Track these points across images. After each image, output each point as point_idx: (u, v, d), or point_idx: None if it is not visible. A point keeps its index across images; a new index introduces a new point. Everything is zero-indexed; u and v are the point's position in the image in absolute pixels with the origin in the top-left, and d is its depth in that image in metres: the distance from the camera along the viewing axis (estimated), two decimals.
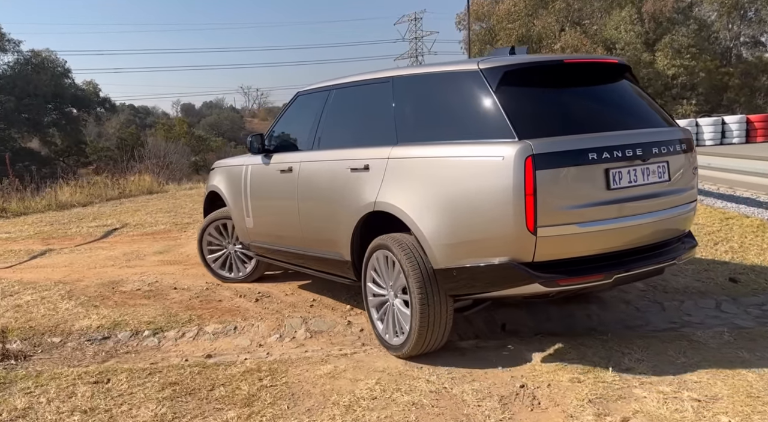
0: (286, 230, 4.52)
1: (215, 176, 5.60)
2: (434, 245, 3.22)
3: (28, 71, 38.30)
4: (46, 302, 5.20)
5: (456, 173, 3.19)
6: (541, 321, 4.03)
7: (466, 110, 3.34)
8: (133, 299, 5.20)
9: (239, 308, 4.73)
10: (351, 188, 3.76)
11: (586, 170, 3.03)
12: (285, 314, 4.51)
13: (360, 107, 4.12)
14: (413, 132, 3.54)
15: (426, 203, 3.28)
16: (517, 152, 2.90)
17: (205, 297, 5.09)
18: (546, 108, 3.28)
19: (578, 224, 3.01)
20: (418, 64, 5.34)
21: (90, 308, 4.94)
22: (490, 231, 3.05)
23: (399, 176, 3.45)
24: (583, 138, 3.09)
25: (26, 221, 10.73)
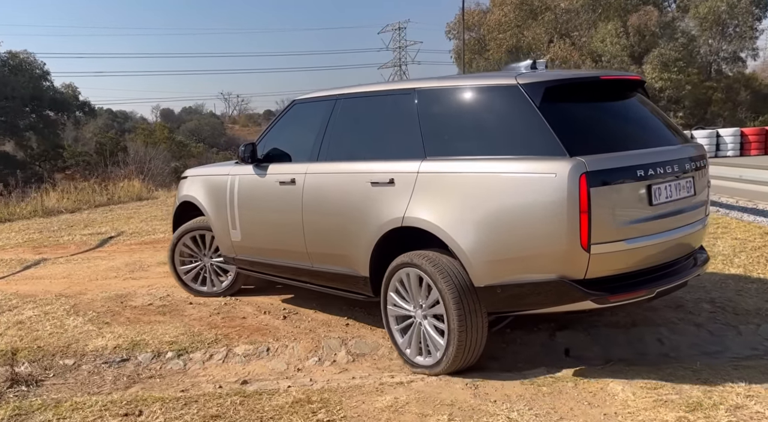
0: (285, 244, 4.32)
1: (189, 186, 5.33)
2: (476, 262, 3.14)
3: (5, 73, 37.24)
4: (51, 318, 4.78)
5: (502, 189, 3.11)
6: (607, 345, 3.74)
7: (507, 125, 3.28)
8: (147, 315, 4.82)
9: (268, 326, 4.38)
10: (372, 203, 3.63)
11: (633, 187, 3.05)
12: (320, 334, 4.17)
13: (376, 119, 3.93)
14: (444, 146, 3.42)
15: (466, 219, 3.18)
16: (572, 169, 2.87)
17: (227, 314, 4.72)
18: (588, 124, 3.25)
19: (626, 240, 3.01)
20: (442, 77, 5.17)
21: (101, 326, 4.54)
22: (540, 248, 3.00)
23: (433, 190, 3.35)
24: (628, 155, 3.11)
25: (12, 228, 10.20)
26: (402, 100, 3.70)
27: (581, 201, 2.84)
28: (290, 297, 5.04)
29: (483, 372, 3.41)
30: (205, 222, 5.15)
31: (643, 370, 3.22)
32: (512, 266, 3.09)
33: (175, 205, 5.55)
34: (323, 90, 4.43)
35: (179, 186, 5.59)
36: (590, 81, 3.50)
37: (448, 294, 3.19)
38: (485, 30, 30.23)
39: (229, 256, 4.93)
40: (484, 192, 3.16)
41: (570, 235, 2.88)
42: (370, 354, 3.86)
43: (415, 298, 3.47)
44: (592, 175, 2.86)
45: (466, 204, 3.21)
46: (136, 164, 23.27)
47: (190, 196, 5.24)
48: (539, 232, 2.97)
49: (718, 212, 8.39)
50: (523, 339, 3.84)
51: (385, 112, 3.85)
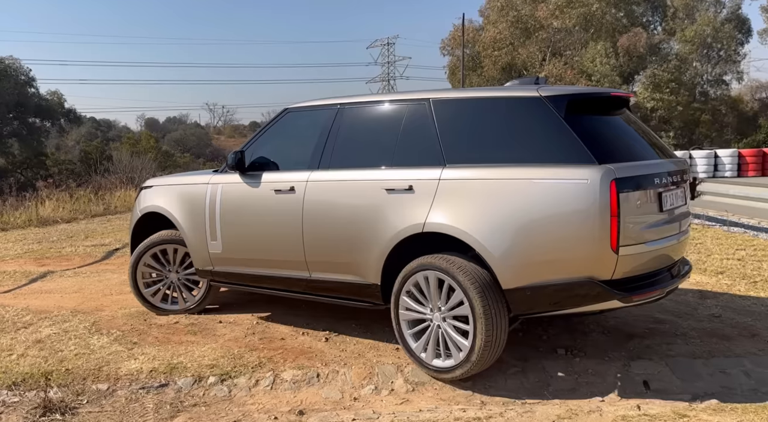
0: (279, 254, 4.25)
1: (155, 196, 5.08)
2: (505, 265, 3.27)
3: None
4: (73, 337, 4.47)
5: (534, 194, 3.24)
6: (688, 378, 3.52)
7: (532, 134, 3.45)
8: (176, 334, 4.52)
9: (312, 349, 4.11)
10: (387, 210, 3.68)
11: (649, 194, 3.30)
12: (370, 359, 3.91)
13: (388, 127, 3.94)
14: (465, 154, 3.56)
15: (495, 223, 3.31)
16: (603, 175, 3.07)
17: (263, 334, 4.45)
18: (605, 135, 3.48)
19: (646, 243, 3.27)
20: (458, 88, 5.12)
21: (130, 346, 4.24)
22: (571, 250, 3.16)
23: (457, 196, 3.45)
24: (644, 164, 3.38)
25: (8, 238, 9.80)
26: (415, 109, 3.80)
27: (611, 206, 3.04)
28: (323, 317, 4.76)
29: (565, 404, 3.19)
30: (170, 235, 4.93)
31: (748, 409, 3.01)
32: (542, 268, 3.22)
33: (134, 218, 5.22)
34: (319, 99, 4.44)
35: (139, 197, 5.27)
36: (602, 96, 3.72)
37: (475, 296, 3.28)
38: (480, 47, 30.41)
39: (204, 269, 4.75)
40: (514, 197, 3.28)
41: (601, 238, 3.07)
42: (430, 383, 3.61)
43: (432, 301, 3.54)
44: (620, 181, 3.08)
45: (495, 209, 3.32)
46: (122, 173, 22.81)
47: (157, 207, 4.98)
48: (570, 235, 3.14)
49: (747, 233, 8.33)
50: (595, 369, 3.63)
51: (397, 121, 3.88)
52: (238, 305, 5.25)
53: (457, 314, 3.41)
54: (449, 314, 3.47)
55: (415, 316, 3.63)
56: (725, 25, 33.35)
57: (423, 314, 3.61)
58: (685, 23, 34.09)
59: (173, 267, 5.03)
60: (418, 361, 3.64)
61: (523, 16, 29.13)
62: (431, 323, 3.57)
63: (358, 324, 4.58)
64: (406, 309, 3.66)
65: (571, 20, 28.65)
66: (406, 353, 3.72)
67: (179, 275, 5.03)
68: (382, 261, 3.70)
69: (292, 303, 4.99)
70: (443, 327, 3.51)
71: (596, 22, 29.65)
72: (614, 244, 3.07)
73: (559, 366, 3.71)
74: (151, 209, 5.04)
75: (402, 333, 3.70)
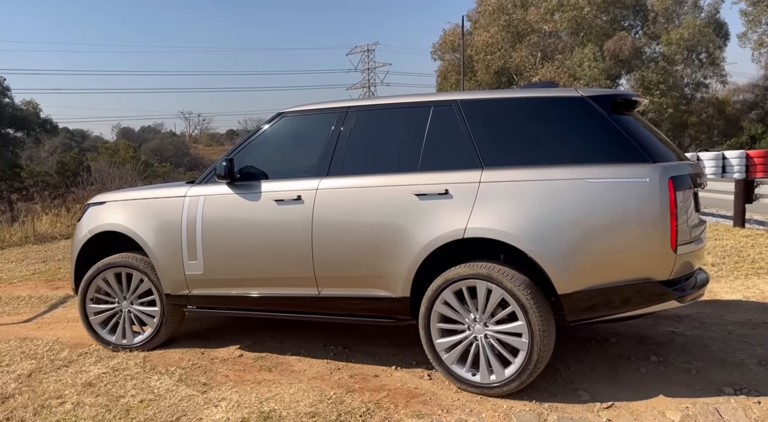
0: (282, 271, 3.88)
1: (110, 214, 4.44)
2: (561, 268, 3.16)
3: None
4: (128, 377, 3.84)
5: (590, 195, 3.15)
6: None
7: (577, 134, 3.37)
8: (248, 371, 3.93)
9: (419, 390, 3.54)
10: (420, 216, 3.47)
11: (691, 193, 3.33)
12: (499, 404, 3.32)
13: (409, 131, 3.73)
14: (504, 156, 3.44)
15: (546, 226, 3.19)
16: (662, 173, 3.07)
17: (351, 370, 3.87)
18: (644, 135, 3.39)
19: (694, 242, 3.29)
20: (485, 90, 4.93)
21: (203, 389, 3.63)
22: (629, 251, 3.11)
23: (502, 199, 3.31)
24: (684, 164, 3.38)
25: (8, 258, 9.02)
26: (442, 111, 3.64)
27: (671, 204, 3.03)
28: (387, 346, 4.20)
29: None
30: (123, 260, 4.34)
31: None
32: (599, 270, 3.14)
33: (81, 239, 4.52)
34: (320, 102, 4.14)
35: (88, 214, 4.58)
36: (630, 97, 3.59)
37: (530, 304, 3.18)
38: (473, 51, 30.14)
39: (176, 294, 4.22)
40: (567, 198, 3.18)
41: (662, 237, 3.04)
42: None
43: (473, 311, 3.39)
44: (676, 179, 3.09)
45: (546, 210, 3.20)
46: (102, 184, 21.90)
47: (115, 225, 4.37)
48: (629, 234, 3.09)
49: None
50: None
51: (420, 124, 3.68)
52: (253, 332, 4.66)
53: (505, 326, 3.29)
54: (495, 326, 3.33)
55: (451, 327, 3.45)
56: (706, 29, 33.71)
57: (460, 326, 3.42)
58: (669, 27, 34.40)
59: (128, 294, 4.40)
60: (452, 377, 3.46)
61: (514, 19, 28.97)
62: (471, 336, 3.40)
63: None
64: (442, 322, 3.46)
65: (562, 24, 28.56)
66: (439, 368, 3.52)
67: (131, 306, 4.41)
68: (414, 272, 3.47)
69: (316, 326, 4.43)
70: (486, 341, 3.36)
71: (587, 25, 29.61)
72: (673, 243, 3.05)
73: None
74: (107, 228, 4.39)
75: (434, 349, 3.49)
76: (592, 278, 3.13)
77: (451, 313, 3.43)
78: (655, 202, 3.04)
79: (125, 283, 4.39)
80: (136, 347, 4.36)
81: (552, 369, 3.68)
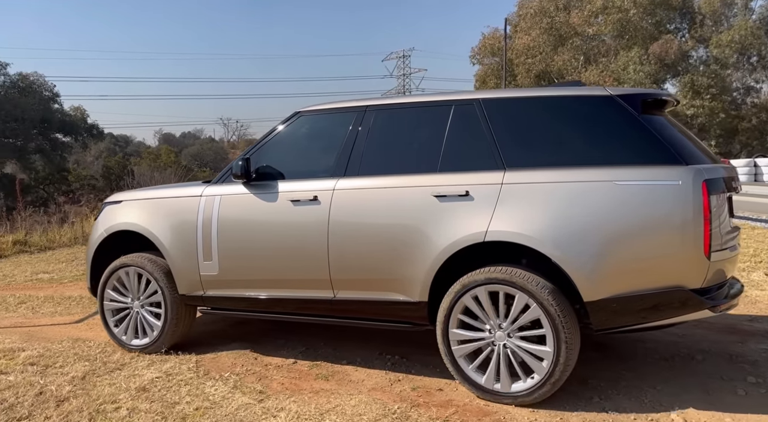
0: (297, 273, 3.80)
1: (128, 212, 4.43)
2: (587, 275, 3.01)
3: (15, 95, 36.37)
4: (181, 383, 3.72)
5: (619, 197, 3.00)
6: None
7: (605, 134, 3.21)
8: (304, 379, 3.77)
9: (489, 408, 3.28)
10: (439, 218, 3.36)
11: (725, 198, 3.17)
12: None
13: (429, 130, 3.63)
14: (528, 156, 3.30)
15: (572, 230, 3.05)
16: (695, 176, 2.93)
17: (412, 383, 3.67)
18: (675, 136, 3.21)
19: (729, 249, 3.13)
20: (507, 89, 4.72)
21: (259, 397, 3.48)
22: (662, 257, 2.96)
23: (525, 201, 3.18)
24: (716, 167, 3.19)
25: (58, 258, 9.13)
26: (463, 110, 3.53)
27: (704, 208, 2.88)
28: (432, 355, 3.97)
29: None
30: (134, 260, 4.32)
31: None
32: (628, 277, 2.99)
33: (96, 239, 4.53)
34: (337, 102, 4.06)
35: (104, 214, 4.59)
36: (663, 97, 3.40)
37: (555, 311, 3.04)
38: (513, 55, 29.68)
39: (192, 295, 4.17)
40: (594, 201, 3.04)
41: (696, 242, 2.89)
42: None
43: (494, 318, 3.26)
44: (710, 182, 2.94)
45: (572, 213, 3.06)
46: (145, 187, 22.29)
47: (130, 224, 4.34)
48: (661, 240, 2.95)
49: None
50: None
51: (440, 123, 3.57)
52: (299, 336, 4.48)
53: (528, 333, 3.17)
54: (518, 333, 3.21)
55: (469, 335, 3.32)
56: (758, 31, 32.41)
57: (480, 333, 3.30)
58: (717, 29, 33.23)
59: (140, 295, 4.37)
60: (472, 386, 3.33)
61: (556, 22, 28.42)
62: (489, 342, 3.28)
63: None
64: (461, 328, 3.34)
65: (606, 27, 27.86)
66: (457, 376, 3.40)
67: (142, 307, 4.37)
68: (432, 276, 3.35)
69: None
70: (509, 347, 3.24)
71: (632, 28, 28.81)
72: (707, 249, 2.90)
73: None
74: (123, 228, 4.37)
75: (453, 356, 3.37)
76: (620, 286, 2.99)
77: (470, 320, 3.32)
78: (688, 206, 2.89)
79: (136, 283, 4.37)
80: (144, 348, 4.31)
81: (637, 389, 3.40)
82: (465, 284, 3.28)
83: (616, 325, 3.10)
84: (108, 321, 4.47)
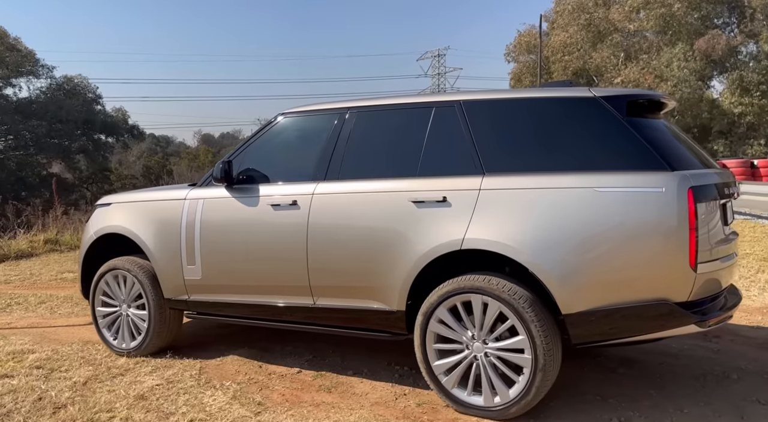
0: (277, 279, 3.74)
1: (116, 215, 4.44)
2: (566, 286, 2.87)
3: (60, 97, 37.54)
4: (181, 391, 3.61)
5: (600, 205, 2.86)
6: None
7: (588, 138, 3.05)
8: (306, 391, 3.61)
9: None
10: (416, 225, 3.25)
11: (717, 205, 3.00)
12: None
13: (409, 134, 3.50)
14: (508, 161, 3.16)
15: (551, 238, 2.91)
16: (679, 183, 2.77)
17: (418, 398, 3.47)
18: (665, 140, 3.08)
19: (720, 260, 2.95)
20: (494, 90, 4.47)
21: (257, 409, 3.33)
22: (644, 268, 2.81)
23: (503, 208, 3.05)
24: (711, 173, 3.06)
25: None
26: (444, 113, 3.40)
27: (690, 217, 2.74)
28: None
29: None
30: (122, 263, 4.32)
31: None
32: (608, 289, 2.85)
33: (87, 241, 4.56)
34: (320, 103, 3.98)
35: (94, 216, 4.62)
36: (653, 98, 3.24)
37: (531, 317, 2.91)
38: (549, 52, 29.00)
39: (176, 299, 4.15)
40: (574, 208, 2.89)
41: (679, 253, 2.75)
42: None
43: (470, 328, 3.13)
44: (697, 190, 2.79)
45: (552, 221, 2.92)
46: None
47: (118, 227, 4.35)
48: (644, 250, 2.80)
49: None
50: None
51: (421, 126, 3.44)
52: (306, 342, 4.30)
53: (506, 343, 3.02)
54: (495, 344, 3.07)
55: (446, 347, 3.20)
56: None
57: (459, 345, 3.17)
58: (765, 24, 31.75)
59: (127, 298, 4.35)
60: (448, 399, 3.21)
61: (595, 18, 27.62)
62: (471, 355, 3.14)
63: None
64: (438, 340, 3.23)
65: (649, 22, 26.92)
66: (436, 390, 3.27)
67: (129, 310, 4.35)
68: (409, 284, 3.25)
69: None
70: (486, 360, 3.10)
71: (676, 24, 27.77)
72: (692, 261, 2.74)
73: None
74: (110, 231, 4.39)
75: (431, 368, 3.25)
76: (600, 298, 2.84)
77: (447, 331, 3.20)
78: (672, 214, 2.73)
79: (123, 287, 4.36)
80: (130, 352, 4.28)
81: (661, 410, 3.13)
82: (441, 295, 3.17)
83: (596, 339, 2.96)
84: (99, 324, 4.48)
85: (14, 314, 5.89)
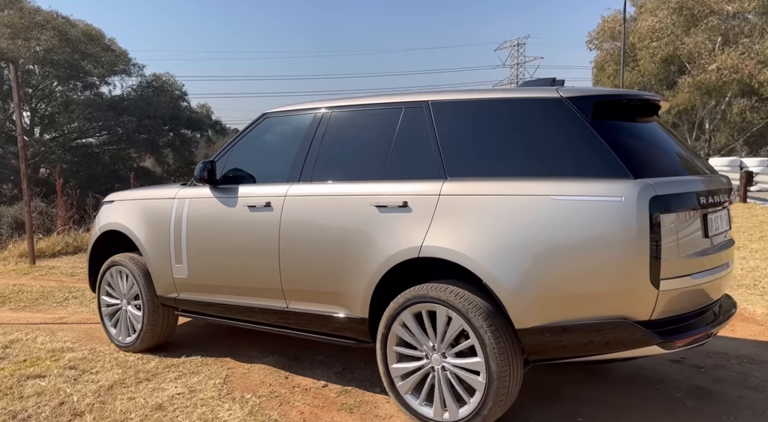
0: (253, 281, 3.74)
1: (116, 212, 4.59)
2: (519, 299, 2.72)
3: (149, 94, 39.57)
4: (199, 403, 3.47)
5: (555, 214, 2.67)
6: None
7: (552, 142, 2.87)
8: (327, 409, 3.37)
9: None
10: (378, 230, 3.16)
11: (694, 215, 2.75)
12: None
13: (378, 135, 3.40)
14: (470, 165, 3.02)
15: (505, 248, 2.76)
16: (640, 192, 2.55)
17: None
18: (639, 145, 2.90)
19: (692, 275, 2.68)
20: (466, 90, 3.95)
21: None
22: (601, 283, 2.60)
23: (461, 215, 2.92)
24: (687, 180, 2.83)
25: None
26: (413, 113, 3.27)
27: (651, 229, 2.52)
28: None
29: None
30: (121, 259, 4.45)
31: None
32: (564, 304, 2.68)
33: (93, 237, 4.76)
34: (302, 103, 3.91)
35: (100, 213, 4.80)
36: (632, 99, 3.08)
37: (488, 337, 2.77)
38: (635, 38, 27.21)
39: (167, 296, 4.24)
40: (530, 217, 2.73)
41: (638, 268, 2.54)
42: None
43: (431, 340, 3.02)
44: (660, 199, 2.56)
45: (506, 230, 2.78)
46: None
47: (116, 224, 4.50)
48: (602, 264, 2.61)
49: None
50: None
51: (390, 127, 3.34)
52: None
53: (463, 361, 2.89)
54: (453, 360, 2.95)
55: (408, 352, 3.11)
56: None
57: (418, 356, 3.08)
58: None
59: (126, 293, 4.47)
60: (409, 409, 3.11)
61: (688, 1, 25.57)
62: (429, 368, 3.04)
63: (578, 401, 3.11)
64: (397, 350, 3.14)
65: (750, 3, 24.61)
66: (396, 402, 3.18)
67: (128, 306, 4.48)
68: (371, 291, 3.17)
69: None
70: (443, 372, 2.99)
71: None
72: (654, 276, 2.53)
73: None
74: (111, 228, 4.55)
75: (391, 378, 3.16)
76: (555, 313, 2.68)
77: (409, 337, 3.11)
78: (631, 226, 2.53)
79: (123, 283, 4.49)
80: (127, 347, 4.42)
81: None
82: (401, 302, 3.07)
83: (552, 356, 2.81)
84: (104, 318, 4.64)
85: (69, 308, 6.05)
